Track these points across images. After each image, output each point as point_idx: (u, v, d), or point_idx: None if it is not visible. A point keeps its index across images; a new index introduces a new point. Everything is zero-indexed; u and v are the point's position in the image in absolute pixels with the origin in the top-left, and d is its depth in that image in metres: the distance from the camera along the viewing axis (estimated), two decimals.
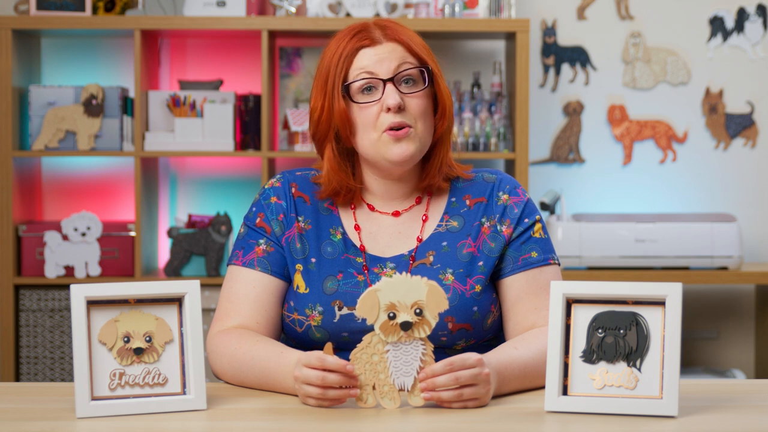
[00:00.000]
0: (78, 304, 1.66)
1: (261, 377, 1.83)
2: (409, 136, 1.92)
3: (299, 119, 3.90)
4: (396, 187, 2.00)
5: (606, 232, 3.87)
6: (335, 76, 1.94)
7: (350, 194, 2.00)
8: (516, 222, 1.98)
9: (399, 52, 1.93)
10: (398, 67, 1.92)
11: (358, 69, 1.93)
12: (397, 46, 1.94)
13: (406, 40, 1.94)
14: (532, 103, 4.15)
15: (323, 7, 3.90)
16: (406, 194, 2.01)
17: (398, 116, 1.91)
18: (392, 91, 1.91)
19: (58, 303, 3.85)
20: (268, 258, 1.97)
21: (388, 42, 1.94)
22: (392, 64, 1.92)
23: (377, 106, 1.92)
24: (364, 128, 1.93)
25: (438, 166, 1.99)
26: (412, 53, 1.94)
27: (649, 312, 1.66)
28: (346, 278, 1.94)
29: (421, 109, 1.93)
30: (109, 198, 4.12)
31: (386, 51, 1.93)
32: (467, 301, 1.92)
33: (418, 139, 1.93)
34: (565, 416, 1.65)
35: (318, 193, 2.01)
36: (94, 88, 3.84)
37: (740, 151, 4.21)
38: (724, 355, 4.23)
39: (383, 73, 1.92)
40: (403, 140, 1.92)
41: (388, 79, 1.92)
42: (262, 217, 2.00)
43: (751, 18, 4.19)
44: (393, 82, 1.92)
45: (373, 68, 1.92)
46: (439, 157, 1.99)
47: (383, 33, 1.94)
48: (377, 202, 2.01)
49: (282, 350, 1.83)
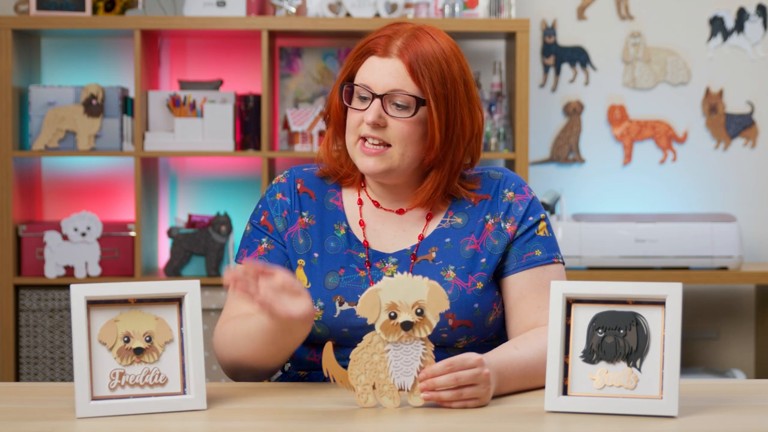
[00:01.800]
0: (78, 304, 1.66)
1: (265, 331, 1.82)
2: (383, 155, 1.91)
3: (299, 119, 3.90)
4: (391, 192, 2.00)
5: (606, 232, 3.87)
6: (345, 70, 1.95)
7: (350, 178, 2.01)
8: (520, 220, 1.97)
9: (401, 73, 1.89)
10: (391, 88, 1.89)
11: (361, 75, 1.92)
12: (402, 66, 1.89)
13: (415, 63, 1.88)
14: (532, 103, 4.15)
15: (323, 7, 3.90)
16: (403, 199, 2.00)
17: (374, 131, 1.90)
18: (375, 108, 1.89)
19: (58, 303, 3.85)
20: (268, 255, 1.98)
21: (397, 59, 1.89)
22: (388, 83, 1.89)
23: (361, 116, 1.92)
24: (348, 130, 1.95)
25: (430, 193, 1.96)
26: (414, 78, 1.88)
27: (649, 312, 1.66)
28: (348, 274, 1.95)
29: (402, 134, 1.90)
30: (109, 198, 4.12)
31: (389, 67, 1.90)
32: (468, 297, 1.92)
33: (392, 161, 1.91)
34: (565, 416, 1.65)
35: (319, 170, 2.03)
36: (94, 88, 3.84)
37: (740, 151, 4.21)
38: (724, 355, 4.23)
39: (377, 88, 1.90)
40: (374, 156, 1.91)
41: (378, 95, 1.90)
42: (266, 215, 2.02)
43: (751, 18, 4.19)
44: (382, 99, 1.90)
45: (372, 80, 1.90)
46: (434, 184, 1.95)
47: (402, 45, 1.89)
48: (381, 199, 2.02)
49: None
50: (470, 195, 1.99)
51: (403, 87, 1.89)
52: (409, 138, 1.90)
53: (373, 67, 1.91)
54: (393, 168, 1.92)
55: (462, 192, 1.99)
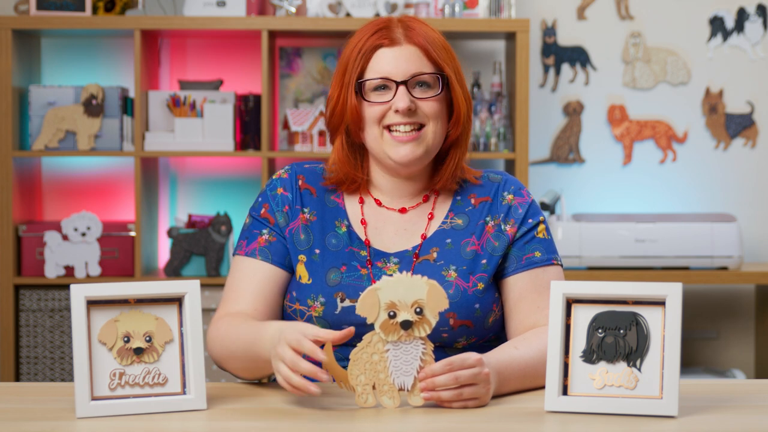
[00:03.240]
0: (78, 304, 1.66)
1: (245, 351, 1.84)
2: (419, 138, 1.94)
3: (299, 119, 3.90)
4: (404, 185, 2.01)
5: (606, 232, 3.87)
6: (352, 71, 1.95)
7: (355, 185, 2.02)
8: (520, 222, 1.99)
9: (417, 56, 1.94)
10: (413, 71, 1.93)
11: (374, 68, 1.94)
12: (415, 50, 1.94)
13: (426, 45, 1.95)
14: (532, 103, 4.15)
15: (323, 7, 3.90)
16: (414, 193, 2.02)
17: (405, 117, 1.93)
18: (403, 94, 1.93)
19: (58, 303, 3.85)
20: (270, 248, 1.99)
21: (408, 44, 1.95)
22: (408, 67, 1.93)
23: (387, 106, 1.94)
24: (370, 125, 1.95)
25: (452, 170, 2.00)
26: (430, 58, 1.95)
27: (649, 312, 1.66)
28: (350, 271, 1.95)
29: (434, 111, 1.95)
30: (109, 198, 4.12)
31: (404, 53, 1.94)
32: (469, 298, 1.93)
33: (427, 141, 1.95)
34: (565, 416, 1.65)
35: (324, 180, 2.03)
36: (94, 88, 3.84)
37: (740, 151, 4.21)
38: (724, 355, 4.23)
39: (398, 75, 1.93)
40: (410, 142, 1.93)
41: (401, 81, 1.93)
42: (266, 208, 2.02)
43: (751, 18, 4.19)
44: (406, 85, 1.93)
45: (389, 70, 1.93)
46: (455, 161, 2.00)
47: (405, 34, 1.95)
48: (384, 197, 2.03)
49: (265, 323, 1.84)
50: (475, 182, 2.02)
51: (424, 68, 1.94)
52: (440, 115, 1.95)
53: (386, 58, 1.94)
54: (429, 149, 1.96)
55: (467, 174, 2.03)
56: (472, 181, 2.03)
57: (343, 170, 2.00)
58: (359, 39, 1.96)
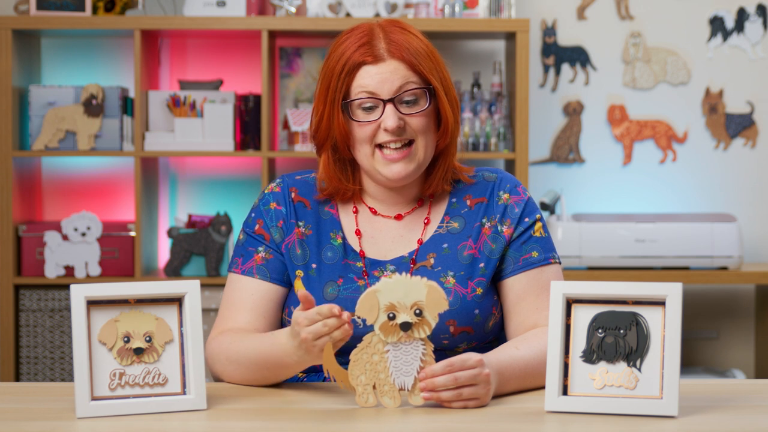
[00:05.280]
0: (78, 304, 1.66)
1: (258, 361, 1.83)
2: (409, 155, 1.92)
3: (299, 119, 3.90)
4: (398, 193, 2.00)
5: (606, 232, 3.87)
6: (336, 89, 1.91)
7: (348, 194, 2.00)
8: (516, 222, 1.97)
9: (402, 71, 1.90)
10: (400, 88, 1.90)
11: (359, 87, 1.90)
12: (400, 65, 1.90)
13: (410, 58, 1.90)
14: (532, 103, 4.15)
15: (323, 7, 3.90)
16: (408, 199, 2.01)
17: (396, 135, 1.90)
18: (392, 112, 1.89)
19: (58, 303, 3.85)
20: (267, 265, 1.97)
21: (391, 59, 1.90)
22: (394, 84, 1.89)
23: (376, 125, 1.91)
24: (360, 143, 1.92)
25: (442, 176, 1.98)
26: (415, 71, 1.90)
27: (649, 312, 1.66)
28: (347, 283, 1.94)
29: (422, 126, 1.92)
30: (109, 198, 4.12)
31: (389, 70, 1.89)
32: (469, 304, 1.92)
33: (418, 157, 1.93)
34: (565, 416, 1.65)
35: (318, 193, 2.01)
36: (94, 88, 3.84)
37: (740, 151, 4.21)
38: (724, 355, 4.23)
39: (384, 93, 1.90)
40: (401, 160, 1.92)
41: (388, 99, 1.90)
42: (261, 224, 1.99)
43: (751, 18, 4.19)
44: (393, 102, 1.90)
45: (374, 87, 1.89)
46: (444, 168, 1.98)
47: (387, 49, 1.90)
48: (379, 206, 2.01)
49: (273, 333, 1.85)
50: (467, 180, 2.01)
51: (410, 82, 1.90)
52: (428, 128, 1.93)
53: (370, 75, 1.90)
54: (420, 164, 1.93)
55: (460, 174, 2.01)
56: (465, 180, 2.01)
57: (332, 184, 1.98)
58: (342, 53, 1.91)
